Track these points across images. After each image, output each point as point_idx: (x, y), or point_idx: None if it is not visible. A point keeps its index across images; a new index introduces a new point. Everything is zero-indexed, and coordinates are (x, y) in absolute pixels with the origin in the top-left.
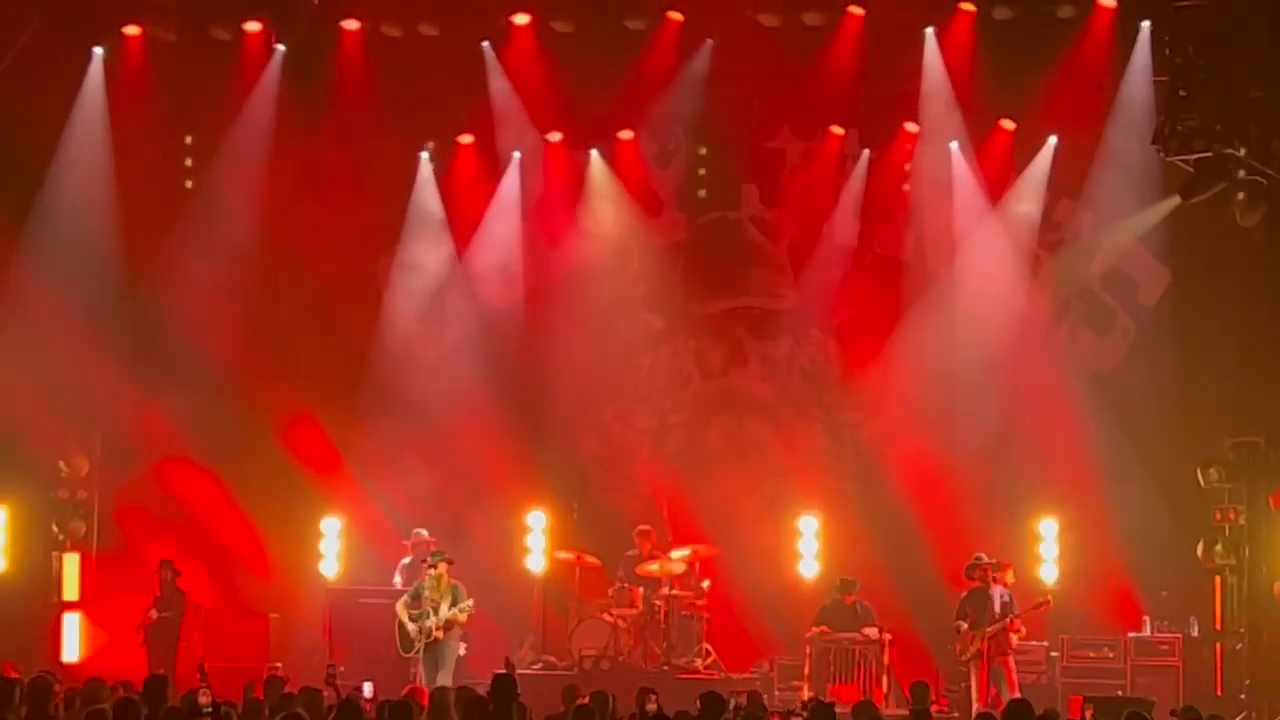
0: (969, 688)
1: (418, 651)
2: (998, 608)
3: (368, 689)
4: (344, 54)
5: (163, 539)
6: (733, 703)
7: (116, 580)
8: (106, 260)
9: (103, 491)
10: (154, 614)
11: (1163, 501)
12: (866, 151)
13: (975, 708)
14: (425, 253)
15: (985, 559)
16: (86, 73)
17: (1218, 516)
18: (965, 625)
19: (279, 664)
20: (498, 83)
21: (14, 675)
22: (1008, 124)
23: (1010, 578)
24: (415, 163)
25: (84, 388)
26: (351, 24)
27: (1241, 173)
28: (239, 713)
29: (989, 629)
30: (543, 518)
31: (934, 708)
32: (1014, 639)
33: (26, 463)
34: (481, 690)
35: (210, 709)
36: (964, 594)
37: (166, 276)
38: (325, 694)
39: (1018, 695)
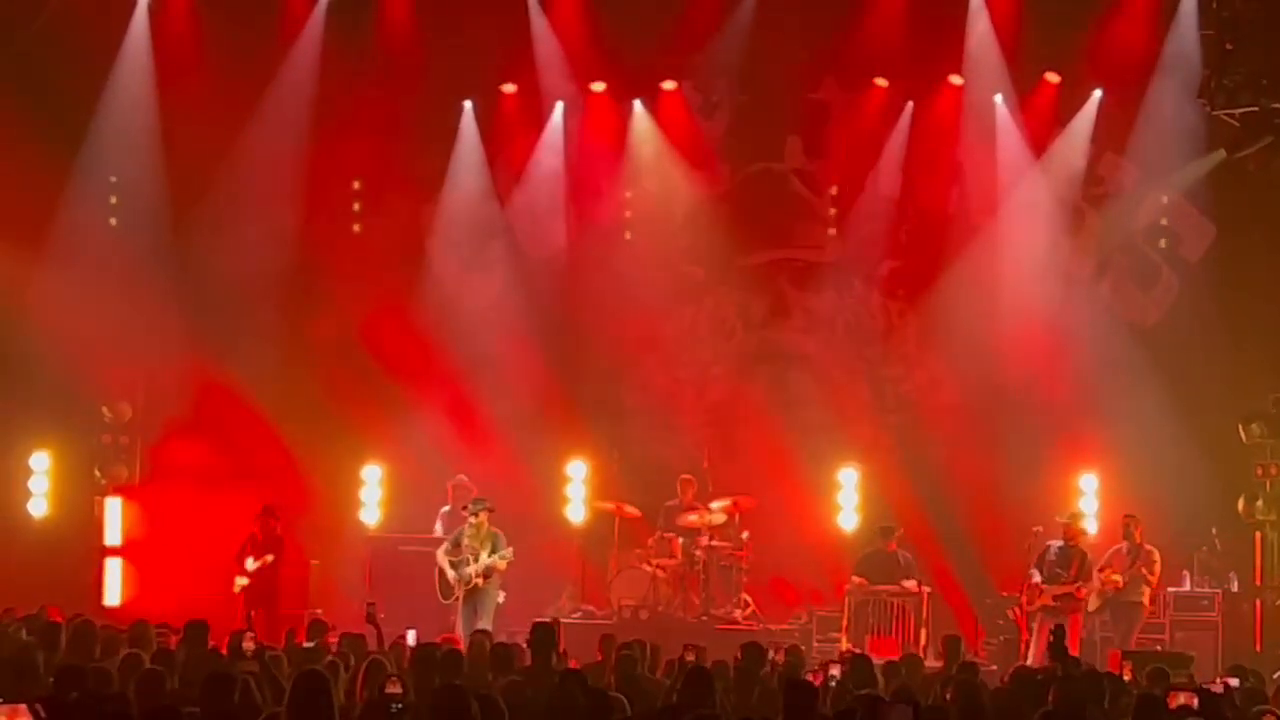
0: (1011, 640)
1: (457, 598)
2: (1074, 569)
3: (411, 637)
4: (388, 1)
5: (204, 485)
6: (771, 654)
7: (159, 525)
8: (151, 206)
9: (145, 436)
10: (260, 562)
11: (1204, 456)
12: (910, 104)
13: (1031, 660)
14: (468, 202)
15: (1079, 515)
16: (131, 17)
17: (1259, 472)
18: (1039, 577)
19: (319, 610)
20: (541, 32)
21: (57, 619)
22: (1052, 77)
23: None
24: (458, 111)
25: (128, 332)
26: None
27: None
28: (288, 658)
29: (1060, 588)
30: (583, 467)
31: (973, 660)
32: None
33: (70, 407)
34: (520, 638)
35: (254, 652)
36: (1052, 543)
37: (211, 222)
38: (367, 633)
39: (1076, 655)
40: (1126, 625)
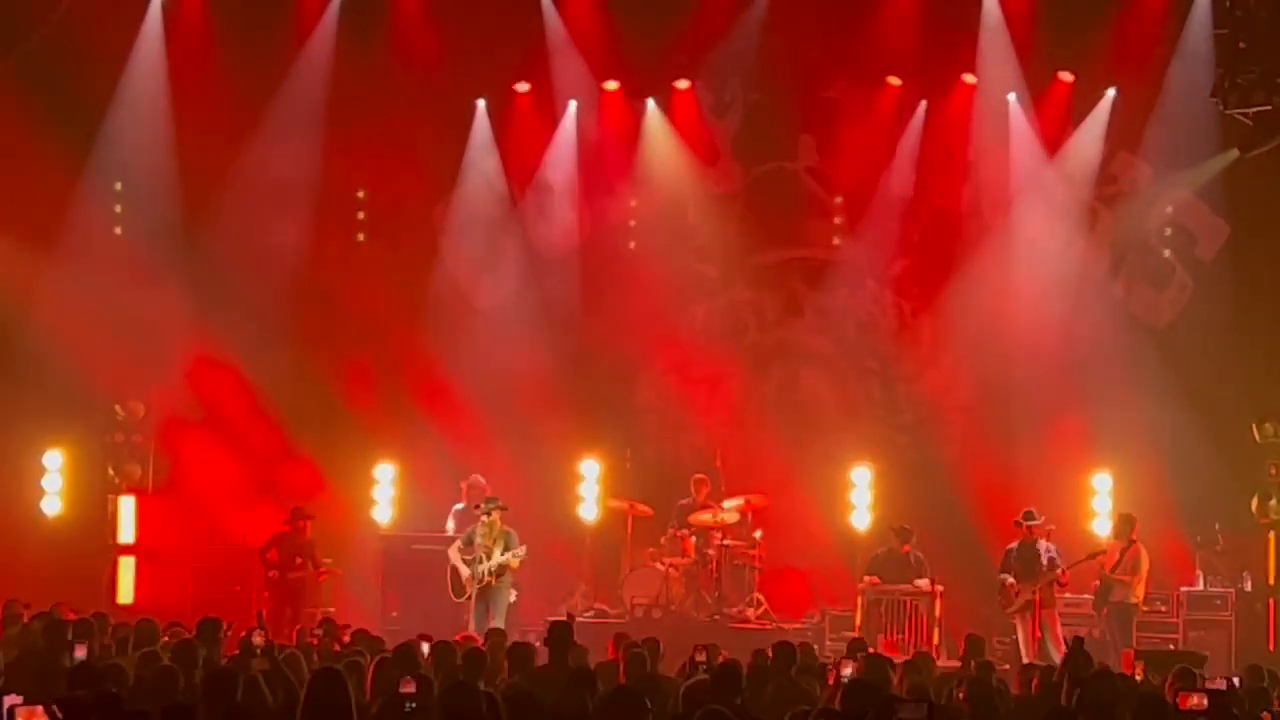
0: (1016, 640)
1: (469, 597)
2: (1044, 561)
3: (426, 649)
4: (401, 0)
5: (217, 483)
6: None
7: (172, 523)
8: (163, 203)
9: (158, 435)
10: (295, 569)
11: (1217, 456)
12: (924, 102)
13: (1024, 659)
14: (481, 200)
15: (1035, 513)
16: (146, 14)
17: (1272, 471)
18: (1011, 578)
19: (332, 609)
20: (555, 31)
21: (70, 617)
22: (1066, 76)
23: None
24: (472, 110)
25: (141, 331)
26: None
27: None
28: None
29: (1039, 582)
30: (596, 466)
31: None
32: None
33: (83, 406)
34: (533, 637)
35: (263, 649)
36: (1010, 547)
37: (224, 220)
38: None
39: (1062, 647)
40: (1122, 625)
